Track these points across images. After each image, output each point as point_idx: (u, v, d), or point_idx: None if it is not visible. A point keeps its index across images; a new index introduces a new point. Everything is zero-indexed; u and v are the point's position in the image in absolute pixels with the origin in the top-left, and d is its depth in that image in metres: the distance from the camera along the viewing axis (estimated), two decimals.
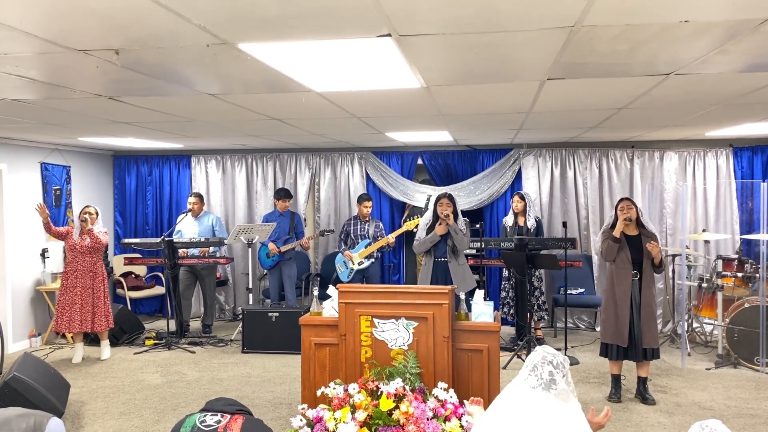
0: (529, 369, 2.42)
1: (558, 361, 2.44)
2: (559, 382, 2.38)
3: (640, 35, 2.61)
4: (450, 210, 5.75)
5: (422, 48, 2.83)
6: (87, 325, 6.44)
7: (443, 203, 5.78)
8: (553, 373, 2.39)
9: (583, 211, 8.05)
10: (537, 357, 2.44)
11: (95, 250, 6.53)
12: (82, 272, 6.45)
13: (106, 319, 6.62)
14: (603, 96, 4.34)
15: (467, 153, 8.39)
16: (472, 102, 4.52)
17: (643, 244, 5.09)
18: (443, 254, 5.85)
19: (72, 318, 6.39)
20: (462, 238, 5.75)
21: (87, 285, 6.47)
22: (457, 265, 5.81)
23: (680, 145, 7.84)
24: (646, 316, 5.05)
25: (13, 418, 3.69)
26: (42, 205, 6.36)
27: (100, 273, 6.60)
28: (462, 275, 5.79)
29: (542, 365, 2.40)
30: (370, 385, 3.85)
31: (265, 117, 5.23)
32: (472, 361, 4.15)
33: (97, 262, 6.56)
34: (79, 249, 6.47)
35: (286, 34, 2.54)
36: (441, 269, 5.85)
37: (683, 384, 5.64)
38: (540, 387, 2.36)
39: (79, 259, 6.46)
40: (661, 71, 3.50)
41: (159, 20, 2.31)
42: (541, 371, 2.39)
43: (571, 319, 8.04)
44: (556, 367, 2.41)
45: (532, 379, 2.40)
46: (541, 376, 2.38)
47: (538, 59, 3.11)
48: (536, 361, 2.42)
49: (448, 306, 4.03)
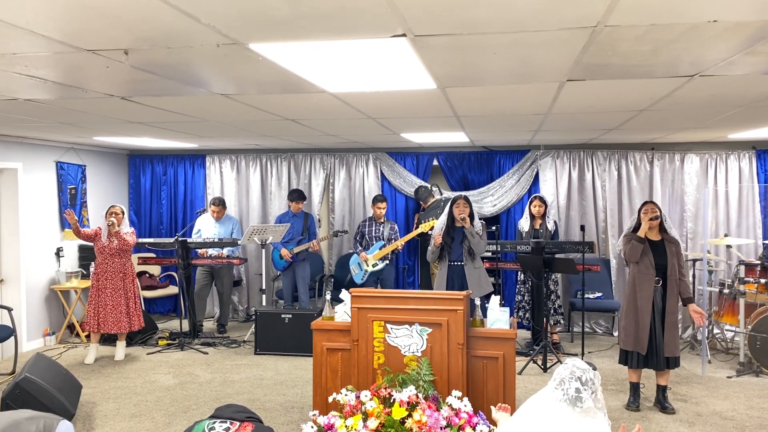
0: (557, 382, 2.33)
1: (587, 377, 2.34)
2: (585, 399, 2.28)
3: (666, 35, 2.51)
4: (466, 212, 5.66)
5: (438, 49, 2.75)
6: (123, 325, 6.50)
7: (459, 205, 5.70)
8: (580, 390, 2.30)
9: (602, 214, 7.91)
10: (566, 371, 2.35)
11: (124, 251, 6.57)
12: (112, 273, 6.49)
13: (140, 319, 6.69)
14: (624, 98, 4.23)
15: (483, 154, 8.28)
16: (489, 103, 4.43)
17: (667, 250, 4.97)
18: (459, 257, 5.76)
19: (106, 320, 6.42)
20: (478, 241, 5.66)
21: (118, 286, 6.50)
22: (473, 269, 5.72)
23: (702, 147, 7.68)
24: (670, 324, 4.92)
25: (22, 421, 3.67)
26: (70, 211, 6.35)
27: (130, 273, 6.66)
28: (478, 279, 5.70)
29: (570, 380, 2.31)
30: (383, 392, 3.77)
31: (278, 118, 5.17)
32: (487, 369, 4.05)
33: (126, 263, 6.61)
34: (108, 251, 6.50)
35: (298, 35, 2.47)
36: (457, 273, 5.76)
37: (704, 392, 5.50)
38: (566, 402, 2.27)
39: (108, 261, 6.50)
40: (685, 73, 3.39)
41: (167, 20, 2.25)
42: (568, 386, 2.30)
43: (588, 324, 7.91)
44: (584, 384, 2.32)
45: (559, 392, 2.32)
46: (567, 391, 2.29)
47: (558, 60, 3.01)
48: (564, 375, 2.33)
49: (463, 312, 3.95)
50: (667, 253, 4.96)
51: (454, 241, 5.83)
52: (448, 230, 5.81)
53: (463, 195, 5.84)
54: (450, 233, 5.84)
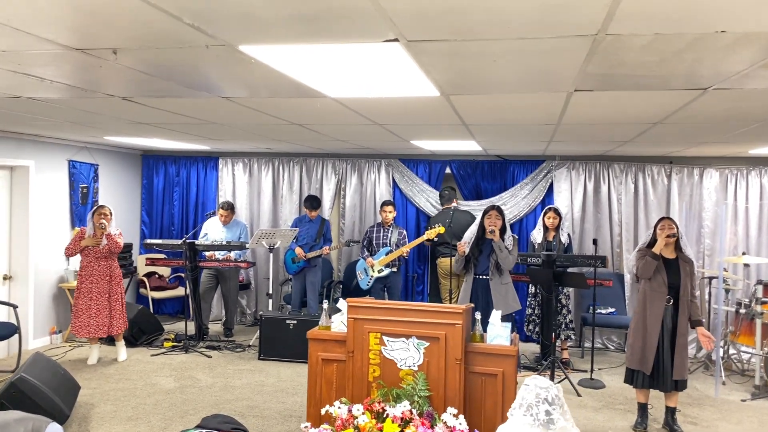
0: (524, 408, 2.24)
1: (552, 395, 2.27)
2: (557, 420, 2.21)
3: (672, 45, 2.38)
4: (498, 225, 5.43)
5: (435, 55, 2.65)
6: (103, 329, 6.34)
7: (492, 216, 5.47)
8: (550, 412, 2.22)
9: (617, 228, 7.73)
10: (530, 395, 2.25)
11: (112, 253, 6.42)
12: (98, 276, 6.34)
13: (123, 322, 6.56)
14: (636, 110, 4.09)
15: (497, 163, 8.15)
16: (496, 112, 4.31)
17: (681, 269, 4.81)
18: (485, 271, 5.52)
19: (88, 324, 6.28)
20: (507, 255, 5.40)
21: (103, 290, 6.34)
22: (499, 284, 5.47)
23: (721, 162, 7.47)
24: (680, 346, 4.75)
25: (11, 423, 3.62)
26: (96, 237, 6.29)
27: (117, 275, 6.50)
28: (504, 295, 5.46)
29: (537, 404, 2.22)
30: (376, 406, 3.67)
31: (284, 122, 5.10)
32: (485, 386, 3.92)
33: (112, 264, 6.46)
34: (95, 253, 6.34)
35: (285, 38, 2.38)
36: (482, 287, 5.53)
37: (716, 415, 5.31)
38: (539, 427, 2.17)
39: (94, 264, 6.34)
40: (698, 85, 3.25)
41: (149, 19, 2.18)
42: (537, 410, 2.21)
43: (599, 340, 7.73)
44: (551, 404, 2.25)
45: (528, 418, 2.22)
46: (537, 416, 2.20)
47: (562, 69, 2.89)
48: (530, 400, 2.24)
49: (462, 326, 3.83)
50: (680, 273, 4.80)
51: (482, 254, 5.59)
52: (477, 241, 5.59)
53: (497, 206, 5.53)
54: (479, 245, 5.58)
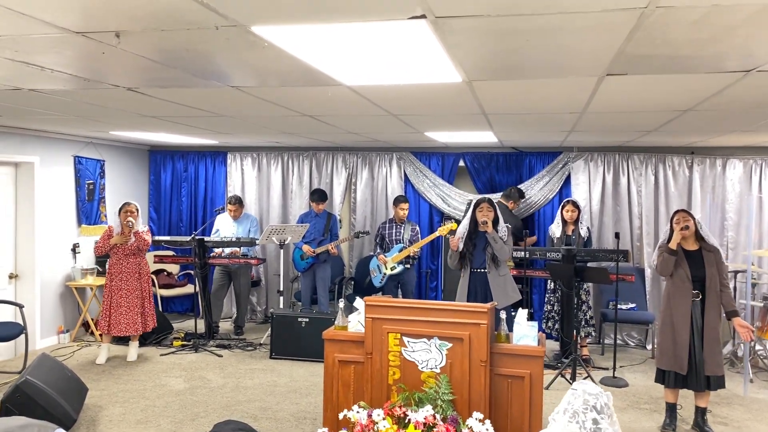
0: (570, 414, 2.04)
1: (602, 403, 2.08)
2: (605, 429, 2.01)
3: (728, 20, 2.17)
4: (490, 216, 5.32)
5: (463, 33, 2.44)
6: (137, 327, 6.32)
7: (483, 208, 5.36)
8: (598, 421, 2.03)
9: (637, 221, 7.50)
10: (577, 402, 2.06)
11: (140, 251, 6.39)
12: (128, 274, 6.30)
13: (153, 319, 6.54)
14: (668, 96, 3.86)
15: (512, 155, 7.93)
16: (520, 100, 4.10)
17: (704, 259, 4.58)
18: (482, 264, 5.41)
19: (119, 321, 6.23)
20: (502, 246, 5.30)
21: (133, 287, 6.30)
22: (497, 276, 5.36)
23: (745, 151, 7.23)
24: (710, 341, 4.52)
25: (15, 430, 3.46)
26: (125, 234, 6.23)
27: (146, 272, 6.48)
28: (503, 287, 5.35)
29: (585, 412, 2.02)
30: (397, 411, 3.48)
31: (295, 113, 4.91)
32: (512, 389, 3.71)
33: (141, 262, 6.43)
34: (123, 251, 6.30)
35: (302, 16, 2.19)
36: (479, 281, 5.42)
37: (746, 415, 5.10)
38: None
39: (124, 261, 6.30)
40: (740, 67, 3.03)
41: None
42: (584, 418, 2.01)
43: (620, 336, 7.50)
44: (600, 412, 2.05)
45: (574, 426, 2.03)
46: (584, 424, 2.00)
47: (598, 50, 2.68)
48: (577, 407, 2.04)
49: (487, 326, 3.62)
50: (705, 263, 4.57)
51: (476, 248, 5.47)
52: (470, 235, 5.46)
53: (487, 198, 5.47)
54: (472, 239, 5.46)
